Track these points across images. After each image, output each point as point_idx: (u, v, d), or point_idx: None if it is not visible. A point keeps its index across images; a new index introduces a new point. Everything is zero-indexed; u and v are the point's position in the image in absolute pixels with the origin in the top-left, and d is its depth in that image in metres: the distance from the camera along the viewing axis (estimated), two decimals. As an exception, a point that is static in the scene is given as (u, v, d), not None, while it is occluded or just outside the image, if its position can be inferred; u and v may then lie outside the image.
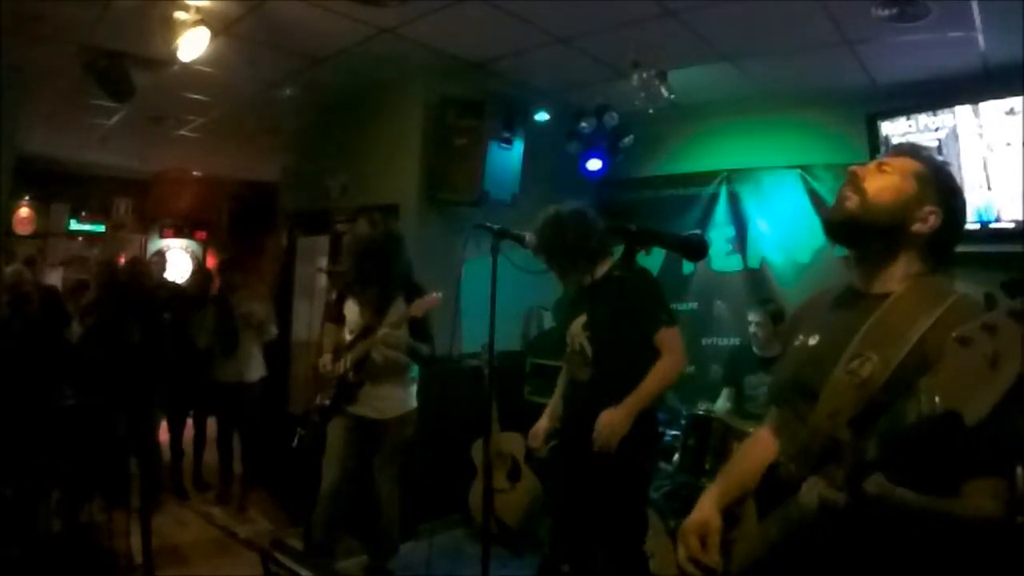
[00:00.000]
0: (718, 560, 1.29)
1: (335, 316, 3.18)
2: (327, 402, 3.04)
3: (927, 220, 1.27)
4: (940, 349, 1.10)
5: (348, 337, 3.07)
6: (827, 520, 1.05)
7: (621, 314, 2.34)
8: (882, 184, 1.30)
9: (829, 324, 1.34)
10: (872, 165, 1.35)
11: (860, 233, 1.31)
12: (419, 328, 2.99)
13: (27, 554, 2.94)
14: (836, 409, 1.17)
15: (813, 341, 1.35)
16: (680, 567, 1.34)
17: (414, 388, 3.14)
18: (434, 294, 2.93)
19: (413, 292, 2.96)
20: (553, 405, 2.83)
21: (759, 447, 1.46)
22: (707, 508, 1.38)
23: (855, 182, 1.31)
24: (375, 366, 2.99)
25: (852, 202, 1.30)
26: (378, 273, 2.99)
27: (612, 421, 2.35)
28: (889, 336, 1.18)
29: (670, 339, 2.46)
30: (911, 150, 1.37)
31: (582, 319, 2.55)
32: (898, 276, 1.28)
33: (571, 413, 2.66)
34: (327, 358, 3.08)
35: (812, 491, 1.07)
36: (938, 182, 1.30)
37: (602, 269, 2.56)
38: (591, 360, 2.46)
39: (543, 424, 2.79)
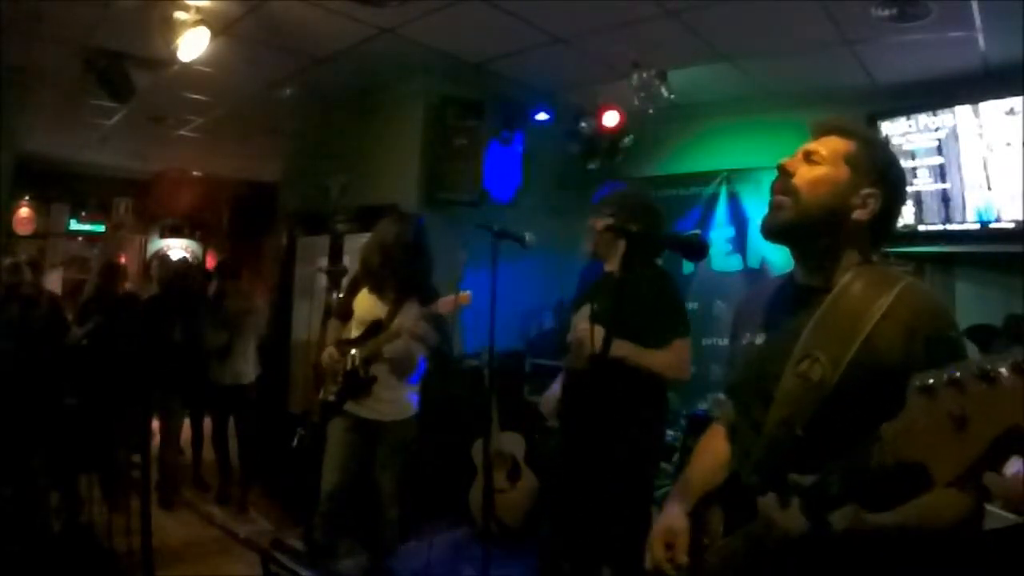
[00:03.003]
0: (684, 560, 1.26)
1: (342, 312, 3.14)
2: (331, 398, 3.02)
3: (866, 204, 1.22)
4: (892, 344, 1.10)
5: (354, 334, 3.04)
6: (794, 545, 1.02)
7: (635, 311, 2.26)
8: (813, 177, 1.23)
9: (774, 322, 1.30)
10: (800, 155, 1.28)
11: (799, 235, 1.26)
12: (440, 328, 2.96)
13: (27, 554, 2.93)
14: (789, 415, 1.15)
15: (760, 340, 1.31)
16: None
17: (415, 394, 3.12)
18: (464, 292, 2.84)
19: (428, 293, 2.92)
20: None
21: (716, 443, 1.43)
22: (672, 513, 1.34)
23: (786, 181, 1.25)
24: (384, 364, 2.97)
25: (786, 206, 1.24)
26: (400, 268, 2.95)
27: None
28: (836, 334, 1.14)
29: (679, 348, 2.43)
30: (837, 127, 1.29)
31: (587, 308, 2.46)
32: (841, 267, 1.23)
33: (570, 404, 2.62)
34: (332, 351, 3.05)
35: (783, 518, 1.04)
36: (872, 159, 1.24)
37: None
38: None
39: (555, 392, 2.70)
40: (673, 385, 2.67)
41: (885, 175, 1.24)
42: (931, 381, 0.82)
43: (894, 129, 3.66)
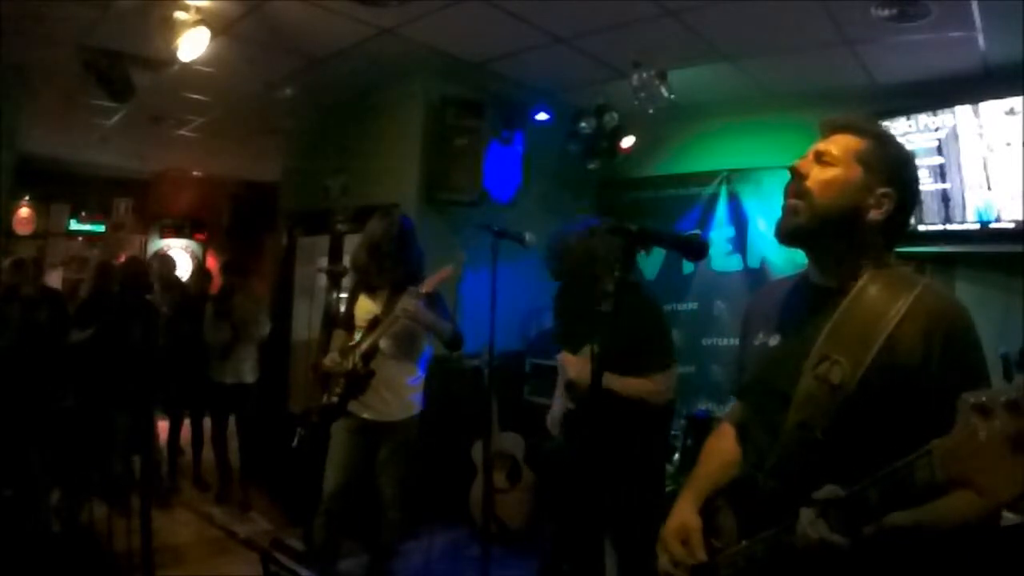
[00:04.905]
0: (703, 556, 1.25)
1: (346, 322, 3.15)
2: (335, 399, 3.02)
3: (881, 204, 1.20)
4: (912, 347, 1.09)
5: (357, 338, 3.05)
6: (823, 552, 1.02)
7: (624, 349, 2.32)
8: (826, 179, 1.21)
9: (788, 323, 1.28)
10: (811, 156, 1.25)
11: (813, 238, 1.24)
12: (435, 308, 2.98)
13: (27, 554, 2.94)
14: (807, 419, 1.14)
15: (774, 341, 1.29)
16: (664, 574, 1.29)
17: (419, 394, 3.12)
18: (446, 267, 2.89)
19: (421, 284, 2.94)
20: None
21: (725, 443, 1.42)
22: (684, 510, 1.33)
23: (799, 183, 1.23)
24: (383, 358, 2.97)
25: (800, 210, 1.22)
26: (391, 264, 2.97)
27: (579, 368, 2.41)
28: (855, 336, 1.13)
29: (665, 377, 2.53)
30: (847, 125, 1.26)
31: (587, 351, 2.48)
32: (858, 267, 1.21)
33: (574, 434, 2.66)
34: (334, 355, 3.06)
35: (812, 528, 1.02)
36: (885, 158, 1.22)
37: (610, 286, 2.54)
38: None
39: (559, 409, 2.75)
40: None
41: (899, 174, 1.22)
42: (985, 400, 0.81)
43: (894, 129, 3.65)
